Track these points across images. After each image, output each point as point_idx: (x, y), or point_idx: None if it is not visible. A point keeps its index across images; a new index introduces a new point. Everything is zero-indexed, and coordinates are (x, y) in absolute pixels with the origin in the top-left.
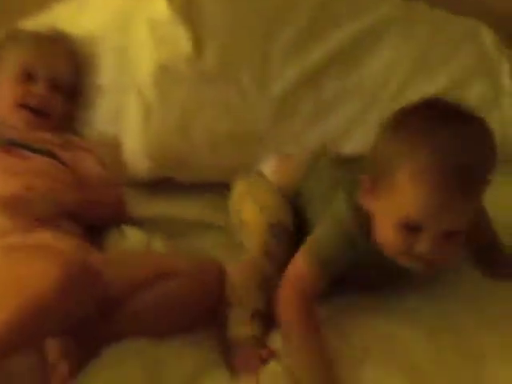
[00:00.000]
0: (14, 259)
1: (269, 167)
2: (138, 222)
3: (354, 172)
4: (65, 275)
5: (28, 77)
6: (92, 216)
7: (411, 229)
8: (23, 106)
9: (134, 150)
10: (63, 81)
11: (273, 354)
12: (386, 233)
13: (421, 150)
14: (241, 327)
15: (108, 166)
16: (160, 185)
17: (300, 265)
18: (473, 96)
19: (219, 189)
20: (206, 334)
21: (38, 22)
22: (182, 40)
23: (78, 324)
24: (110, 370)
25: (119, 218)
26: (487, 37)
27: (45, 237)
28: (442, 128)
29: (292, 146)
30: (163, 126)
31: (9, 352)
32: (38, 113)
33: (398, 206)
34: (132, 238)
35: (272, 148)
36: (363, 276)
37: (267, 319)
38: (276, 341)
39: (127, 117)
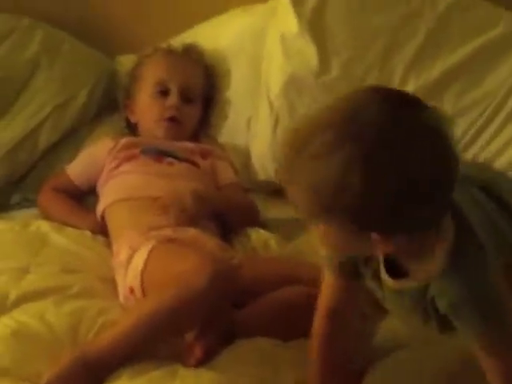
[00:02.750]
0: (171, 252)
1: None
2: (262, 224)
3: None
4: (215, 272)
5: (162, 92)
6: (229, 219)
7: None
8: (161, 119)
9: (263, 154)
10: (195, 90)
11: None
12: None
13: None
14: None
15: (239, 171)
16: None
17: None
18: None
19: None
20: None
21: (181, 41)
22: (309, 54)
23: (216, 313)
24: (232, 363)
25: (252, 222)
26: None
27: (192, 234)
28: None
29: None
30: None
31: (167, 333)
32: (173, 121)
33: None
34: (254, 238)
35: None
36: None
37: None
38: None
39: (257, 124)
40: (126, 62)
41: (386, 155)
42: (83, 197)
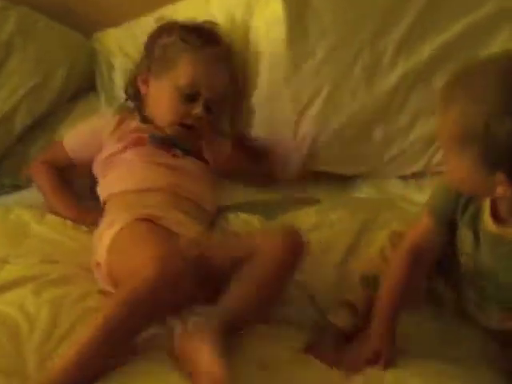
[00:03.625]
0: (135, 236)
1: None
2: (244, 206)
3: None
4: (157, 275)
5: (191, 96)
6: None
7: None
8: (178, 122)
9: None
10: (217, 101)
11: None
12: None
13: None
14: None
15: None
16: None
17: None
18: None
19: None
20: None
21: (159, 15)
22: (295, 37)
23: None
24: None
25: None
26: None
27: (179, 218)
28: None
29: (400, 142)
30: None
31: (130, 325)
32: (190, 128)
33: None
34: (233, 221)
35: (380, 146)
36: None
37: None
38: None
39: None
40: (103, 38)
41: None
42: (73, 171)
